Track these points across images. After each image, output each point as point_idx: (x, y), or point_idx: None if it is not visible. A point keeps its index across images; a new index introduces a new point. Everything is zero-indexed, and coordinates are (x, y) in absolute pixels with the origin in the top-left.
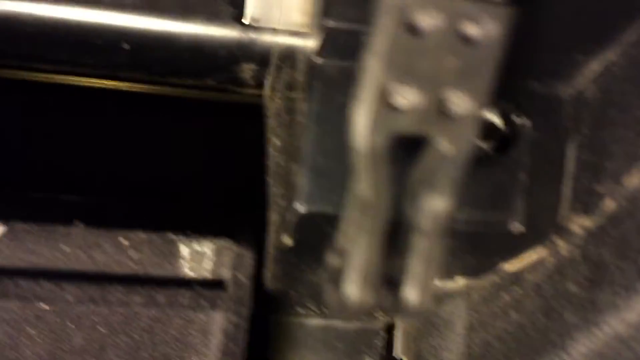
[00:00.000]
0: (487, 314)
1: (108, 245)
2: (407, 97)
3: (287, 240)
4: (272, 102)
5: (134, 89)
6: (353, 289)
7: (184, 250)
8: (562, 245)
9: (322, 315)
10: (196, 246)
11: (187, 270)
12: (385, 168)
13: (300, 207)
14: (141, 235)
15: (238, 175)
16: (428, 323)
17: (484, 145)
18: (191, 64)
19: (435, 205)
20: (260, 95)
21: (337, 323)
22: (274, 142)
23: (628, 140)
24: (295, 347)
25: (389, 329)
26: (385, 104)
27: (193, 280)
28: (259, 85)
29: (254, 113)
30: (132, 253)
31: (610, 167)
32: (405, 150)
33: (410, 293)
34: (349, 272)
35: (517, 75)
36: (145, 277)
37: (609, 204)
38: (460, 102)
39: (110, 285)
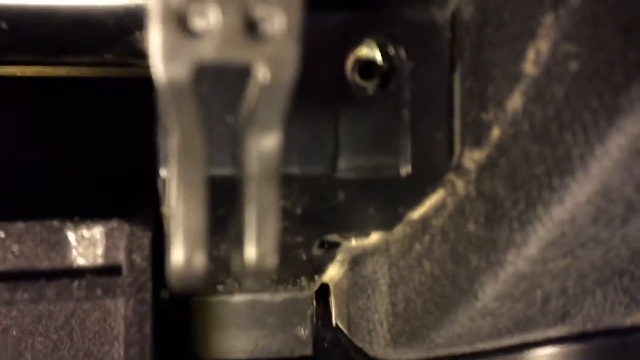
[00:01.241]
0: (405, 267)
1: None
2: (206, 17)
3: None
4: None
5: (27, 74)
6: (177, 253)
7: (71, 236)
8: (459, 184)
9: (245, 289)
10: (84, 231)
11: (78, 258)
12: (193, 105)
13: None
14: (19, 226)
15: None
16: (354, 285)
17: (365, 84)
18: (80, 39)
19: (260, 144)
20: None
21: (264, 296)
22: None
23: (506, 60)
24: (221, 328)
25: (322, 296)
26: (181, 28)
27: (85, 268)
28: None
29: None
30: (12, 246)
31: (493, 92)
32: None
33: (248, 249)
34: (172, 233)
35: (388, 4)
36: (31, 271)
37: (495, 132)
38: (271, 19)
39: None
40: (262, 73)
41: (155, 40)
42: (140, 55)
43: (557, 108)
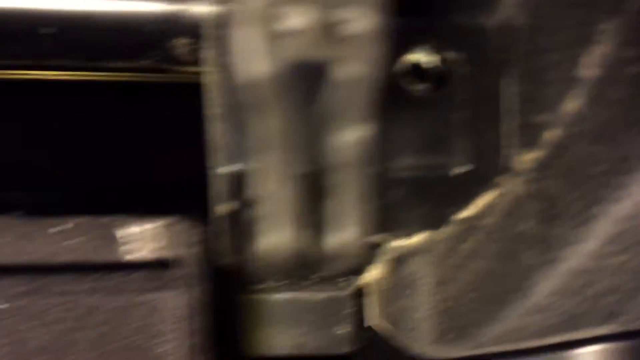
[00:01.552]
0: (450, 267)
1: (36, 236)
2: (294, 19)
3: (220, 209)
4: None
5: (62, 77)
6: (273, 235)
7: (120, 232)
8: (511, 185)
9: (285, 288)
10: (134, 226)
11: (127, 253)
12: (282, 101)
13: (232, 167)
14: (69, 222)
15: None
16: (396, 284)
17: (419, 87)
18: (118, 44)
19: (351, 134)
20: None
21: (304, 295)
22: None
23: (560, 64)
24: (261, 325)
25: (360, 296)
26: (269, 29)
27: (134, 262)
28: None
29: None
30: (63, 241)
31: (547, 95)
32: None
33: (334, 235)
34: (265, 218)
35: (441, 10)
36: (83, 264)
37: (552, 134)
38: (355, 19)
39: (48, 276)
40: (347, 69)
41: (240, 41)
42: (177, 62)
43: (616, 111)
